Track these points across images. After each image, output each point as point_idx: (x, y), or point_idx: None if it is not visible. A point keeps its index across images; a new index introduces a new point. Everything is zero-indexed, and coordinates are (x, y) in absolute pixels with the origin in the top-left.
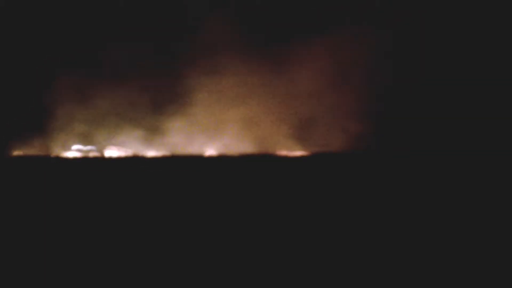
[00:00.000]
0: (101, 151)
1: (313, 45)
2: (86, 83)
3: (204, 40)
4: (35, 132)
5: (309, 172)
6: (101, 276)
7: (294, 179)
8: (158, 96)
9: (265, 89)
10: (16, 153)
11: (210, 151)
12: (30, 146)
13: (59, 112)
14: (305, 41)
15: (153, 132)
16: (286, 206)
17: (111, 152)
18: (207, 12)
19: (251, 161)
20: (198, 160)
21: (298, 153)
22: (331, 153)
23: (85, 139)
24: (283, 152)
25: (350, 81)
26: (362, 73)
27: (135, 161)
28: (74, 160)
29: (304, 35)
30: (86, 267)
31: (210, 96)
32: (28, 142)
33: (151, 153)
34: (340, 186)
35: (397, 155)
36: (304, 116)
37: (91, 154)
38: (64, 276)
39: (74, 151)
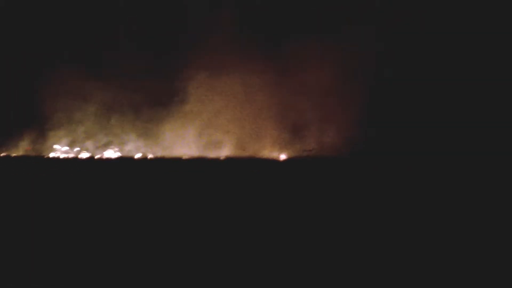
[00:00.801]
0: (91, 153)
1: (316, 48)
2: (76, 83)
3: (205, 39)
4: (22, 132)
5: (301, 175)
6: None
7: (287, 182)
8: (154, 96)
9: (264, 91)
10: (1, 154)
11: (203, 153)
12: (17, 147)
13: (47, 112)
14: (308, 43)
15: (146, 133)
16: (277, 207)
17: (102, 153)
18: (208, 11)
19: (241, 164)
20: (184, 162)
21: (290, 156)
22: (325, 156)
23: (74, 140)
24: (275, 155)
25: (351, 84)
26: (362, 77)
27: (128, 162)
28: (64, 161)
29: (307, 37)
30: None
31: (207, 96)
32: (15, 143)
33: (143, 155)
34: (332, 189)
35: (392, 158)
36: (300, 120)
37: (81, 156)
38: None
39: (63, 152)
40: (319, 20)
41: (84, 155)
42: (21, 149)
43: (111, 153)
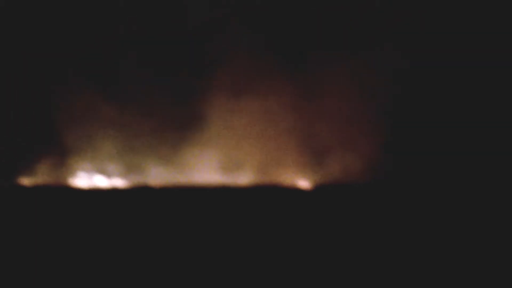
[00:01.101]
0: (112, 181)
1: (339, 69)
2: (94, 107)
3: (225, 62)
4: (44, 159)
5: (327, 206)
6: None
7: (313, 214)
8: (173, 121)
9: (285, 115)
10: (23, 181)
11: (223, 179)
12: (39, 174)
13: (66, 138)
14: (331, 64)
15: (166, 159)
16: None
17: (120, 182)
18: (227, 32)
19: (263, 192)
20: (204, 191)
21: (313, 183)
22: (349, 184)
23: (96, 168)
24: (298, 182)
25: (374, 108)
26: (386, 100)
27: (147, 191)
28: (86, 190)
29: (330, 57)
30: None
31: (227, 120)
32: (36, 170)
33: (164, 182)
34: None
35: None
36: (323, 145)
37: (102, 184)
38: None
39: (84, 180)
40: (341, 40)
41: (104, 182)
42: (38, 176)
43: (130, 180)
